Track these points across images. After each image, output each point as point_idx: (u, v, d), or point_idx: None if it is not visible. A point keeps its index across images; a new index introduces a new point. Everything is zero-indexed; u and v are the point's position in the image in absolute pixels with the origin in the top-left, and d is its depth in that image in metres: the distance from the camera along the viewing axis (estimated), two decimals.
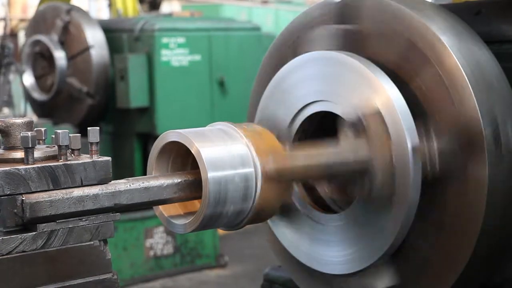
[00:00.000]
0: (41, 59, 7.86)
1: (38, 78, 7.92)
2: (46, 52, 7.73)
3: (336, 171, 2.17)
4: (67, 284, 1.69)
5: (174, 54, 7.75)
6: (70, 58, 7.64)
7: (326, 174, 2.20)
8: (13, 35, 14.86)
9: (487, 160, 2.00)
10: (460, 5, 2.52)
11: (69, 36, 7.65)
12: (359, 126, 2.12)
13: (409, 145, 2.05)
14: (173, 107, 7.73)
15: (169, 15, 9.97)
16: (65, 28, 7.65)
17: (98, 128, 1.77)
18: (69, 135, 1.72)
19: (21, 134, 1.68)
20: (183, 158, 1.98)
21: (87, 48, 7.54)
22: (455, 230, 2.06)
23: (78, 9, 7.95)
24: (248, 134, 1.99)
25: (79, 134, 1.76)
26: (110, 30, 7.78)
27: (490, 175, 2.00)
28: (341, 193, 2.39)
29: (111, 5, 10.29)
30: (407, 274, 2.15)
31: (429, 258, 2.11)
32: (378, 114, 2.09)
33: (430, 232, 2.09)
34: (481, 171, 2.00)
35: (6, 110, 8.30)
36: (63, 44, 7.66)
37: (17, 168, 1.63)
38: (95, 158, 1.73)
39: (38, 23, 7.98)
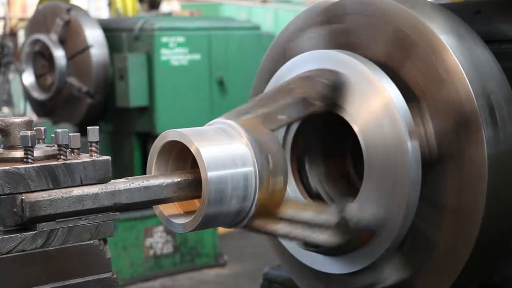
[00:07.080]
0: (41, 58, 7.85)
1: (37, 77, 7.91)
2: (46, 51, 7.72)
3: None
4: (67, 283, 1.69)
5: (174, 54, 7.74)
6: (70, 57, 7.62)
7: None
8: (12, 34, 14.86)
9: (485, 138, 1.99)
10: (459, 4, 2.53)
11: (68, 35, 7.64)
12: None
13: (405, 129, 2.05)
14: (173, 107, 7.72)
15: (169, 14, 9.98)
16: (65, 27, 7.64)
17: (97, 127, 1.77)
18: (69, 134, 1.72)
19: (21, 134, 1.68)
20: (182, 157, 1.98)
21: (86, 48, 7.53)
22: (460, 212, 2.04)
23: (78, 8, 7.93)
24: (248, 132, 1.99)
25: (79, 134, 1.76)
26: (110, 30, 7.77)
27: (489, 153, 2.00)
28: (340, 192, 2.39)
29: (110, 4, 10.29)
30: (415, 262, 2.13)
31: (436, 243, 2.09)
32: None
33: (435, 216, 2.08)
34: (480, 150, 2.00)
35: (5, 109, 8.29)
36: (62, 43, 7.65)
37: (17, 168, 1.63)
38: (95, 157, 1.73)
39: (38, 22, 7.96)
